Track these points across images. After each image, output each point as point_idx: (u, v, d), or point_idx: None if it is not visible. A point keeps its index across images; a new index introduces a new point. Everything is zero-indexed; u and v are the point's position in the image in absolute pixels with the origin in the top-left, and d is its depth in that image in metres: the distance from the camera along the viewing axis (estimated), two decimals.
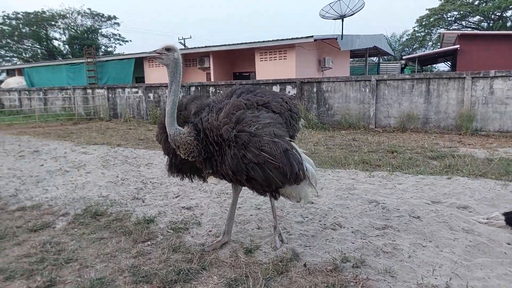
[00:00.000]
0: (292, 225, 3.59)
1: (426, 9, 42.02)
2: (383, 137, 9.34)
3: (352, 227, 3.45)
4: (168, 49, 2.79)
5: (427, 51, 34.67)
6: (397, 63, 27.93)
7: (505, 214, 3.46)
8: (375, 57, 27.55)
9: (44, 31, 37.95)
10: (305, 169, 2.63)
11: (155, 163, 6.62)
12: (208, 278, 2.66)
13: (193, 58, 18.89)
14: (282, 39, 14.88)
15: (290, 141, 2.74)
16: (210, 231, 3.49)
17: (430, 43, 44.02)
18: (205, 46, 17.49)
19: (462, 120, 9.63)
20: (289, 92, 12.01)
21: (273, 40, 15.15)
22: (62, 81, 21.80)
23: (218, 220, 3.75)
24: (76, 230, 3.60)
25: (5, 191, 4.99)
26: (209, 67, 17.61)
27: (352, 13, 16.09)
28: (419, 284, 2.48)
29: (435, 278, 2.54)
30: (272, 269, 2.73)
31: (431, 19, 42.07)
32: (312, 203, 4.18)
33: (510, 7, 38.70)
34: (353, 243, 3.11)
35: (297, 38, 14.59)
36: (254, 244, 3.15)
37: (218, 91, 13.52)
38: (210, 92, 13.75)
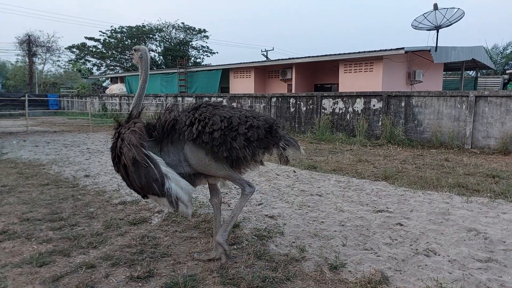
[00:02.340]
0: (380, 246, 3.45)
1: None
2: (481, 159, 8.40)
3: (448, 256, 3.18)
4: (136, 49, 3.28)
5: None
6: (499, 77, 24.88)
7: None
8: (472, 71, 25.01)
9: (143, 43, 42.50)
10: (165, 187, 2.65)
11: None
12: None
13: (276, 70, 19.40)
14: (370, 51, 14.45)
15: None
16: (293, 242, 3.53)
17: None
18: (289, 58, 17.82)
19: None
20: (374, 105, 11.57)
21: (359, 52, 14.79)
22: (156, 89, 24.10)
23: (301, 232, 3.78)
24: (169, 227, 3.94)
25: (110, 185, 5.69)
26: (291, 78, 17.87)
27: (449, 23, 14.91)
28: None
29: None
30: None
31: None
32: (402, 225, 3.96)
33: None
34: (450, 273, 2.87)
35: (386, 50, 14.03)
36: (339, 261, 3.10)
37: (299, 102, 13.62)
38: (291, 103, 13.91)
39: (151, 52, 43.77)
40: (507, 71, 24.62)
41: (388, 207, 4.60)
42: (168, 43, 43.22)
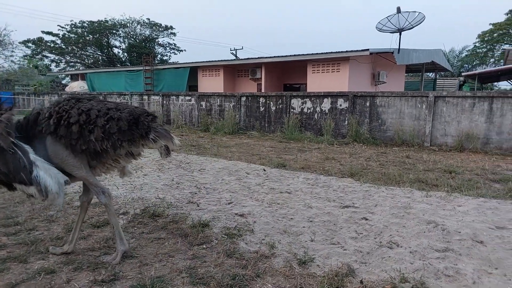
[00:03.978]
0: (346, 240, 3.55)
1: (490, 24, 39.52)
2: (439, 156, 8.88)
3: (409, 247, 3.33)
4: None
5: (489, 68, 32.40)
6: (455, 79, 26.42)
7: None
8: (432, 73, 26.33)
9: (106, 39, 40.98)
10: (33, 174, 2.65)
11: (207, 169, 6.87)
12: (263, 286, 2.71)
13: (245, 69, 19.42)
14: (337, 52, 14.82)
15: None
16: (263, 239, 3.55)
17: (492, 60, 41.17)
18: (258, 58, 17.90)
19: None
20: (340, 105, 11.88)
21: (327, 53, 15.13)
22: (121, 87, 23.37)
23: (270, 229, 3.81)
24: (135, 228, 3.83)
25: (71, 187, 5.44)
26: (261, 77, 17.97)
27: (411, 26, 15.60)
28: None
29: None
30: (327, 282, 2.72)
31: (495, 35, 39.46)
32: (366, 219, 4.10)
33: None
34: (412, 263, 3.01)
35: (352, 51, 14.45)
36: (308, 256, 3.16)
37: (268, 102, 13.72)
38: (260, 102, 13.99)
39: (114, 48, 42.36)
40: (463, 74, 26.15)
41: (354, 202, 4.75)
42: (133, 39, 41.97)
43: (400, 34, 15.87)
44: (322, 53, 15.23)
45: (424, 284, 2.69)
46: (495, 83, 34.26)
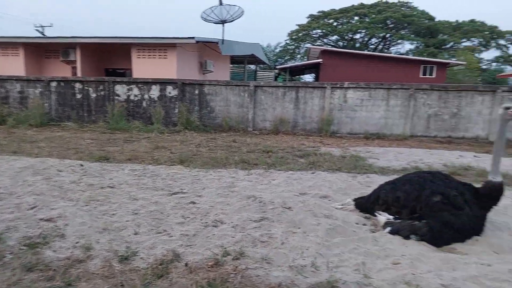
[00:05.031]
0: (173, 226, 3.50)
1: (296, 25, 46.86)
2: (260, 138, 9.98)
3: (232, 222, 3.56)
4: None
5: (297, 63, 38.70)
6: (272, 72, 30.32)
7: (354, 200, 4.11)
8: (253, 65, 29.31)
9: None
10: None
11: (2, 170, 5.54)
12: None
13: (56, 50, 16.58)
14: (163, 37, 14.46)
15: None
16: (77, 242, 3.10)
17: (299, 56, 49.20)
18: (72, 37, 15.59)
19: (323, 124, 11.07)
20: (170, 93, 11.72)
21: (152, 37, 14.56)
22: None
23: (87, 230, 3.37)
24: None
25: None
26: (75, 60, 15.74)
27: (232, 19, 16.76)
28: (291, 266, 2.73)
29: (303, 259, 2.84)
30: (151, 273, 2.60)
31: (300, 34, 47.07)
32: (194, 203, 4.16)
33: (358, 31, 46.46)
34: (233, 237, 3.22)
35: (178, 37, 14.39)
36: (131, 251, 2.94)
37: (87, 88, 12.21)
38: (77, 88, 12.30)
39: None
40: (277, 67, 30.22)
41: (182, 188, 4.75)
42: None
43: (223, 26, 16.86)
44: (146, 37, 14.59)
45: (243, 253, 2.91)
46: (302, 76, 41.15)
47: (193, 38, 14.12)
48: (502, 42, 45.13)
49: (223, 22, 16.83)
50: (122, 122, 11.33)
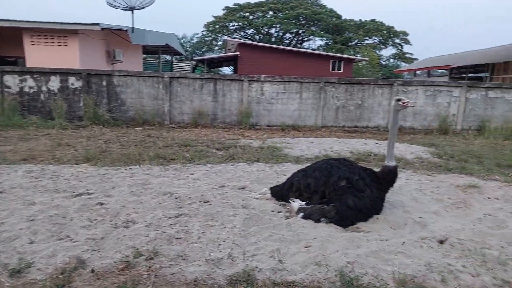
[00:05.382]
0: (77, 231, 3.17)
1: (213, 16, 46.37)
2: (177, 132, 9.68)
3: (145, 221, 3.37)
4: None
5: (214, 55, 38.43)
6: (189, 63, 29.60)
7: (270, 188, 4.24)
8: (168, 56, 28.23)
9: None
10: None
11: None
12: None
13: None
14: (61, 23, 12.98)
15: None
16: None
17: (216, 48, 48.95)
18: None
19: (242, 116, 11.20)
20: (73, 84, 10.60)
21: (49, 22, 12.96)
22: None
23: None
24: None
25: None
26: None
27: (142, 6, 15.81)
28: (207, 260, 2.69)
29: (220, 252, 2.82)
30: (50, 285, 2.32)
31: (217, 26, 46.74)
32: (102, 203, 3.83)
33: (273, 25, 48.02)
34: (146, 236, 3.05)
35: (80, 24, 13.06)
36: (25, 262, 2.58)
37: None
38: None
39: None
40: (194, 58, 29.60)
41: (88, 189, 4.34)
42: None
43: (132, 13, 15.82)
44: (42, 22, 12.94)
45: (158, 252, 2.78)
46: (220, 68, 41.05)
47: (97, 24, 12.97)
48: (397, 41, 51.12)
49: (132, 8, 15.79)
50: (15, 117, 9.90)
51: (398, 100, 3.84)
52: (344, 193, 3.63)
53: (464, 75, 26.15)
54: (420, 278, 2.51)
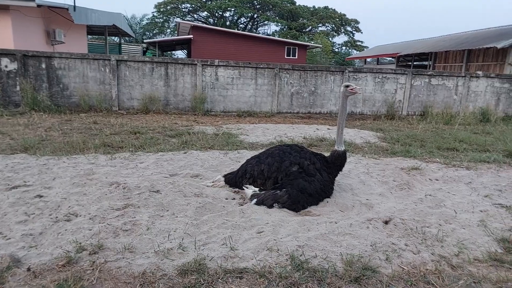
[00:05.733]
0: (12, 227, 2.91)
1: None
2: (127, 119, 9.23)
3: (89, 214, 3.17)
4: None
5: (166, 38, 36.95)
6: (139, 46, 28.21)
7: (224, 176, 4.19)
8: (117, 37, 26.67)
9: None
10: None
11: None
12: None
13: None
14: None
15: None
16: None
17: (169, 31, 47.10)
18: None
19: (196, 102, 10.94)
20: (6, 66, 9.62)
21: None
22: None
23: None
24: None
25: None
26: None
27: None
28: (157, 251, 2.59)
29: (170, 242, 2.73)
30: None
31: (168, 7, 44.82)
32: (41, 196, 3.54)
33: (228, 9, 47.15)
34: (90, 229, 2.87)
35: None
36: None
37: None
38: None
39: None
40: (145, 41, 28.26)
41: (26, 180, 3.99)
42: None
43: None
44: None
45: (102, 245, 2.63)
46: (173, 51, 39.65)
47: (33, 1, 11.80)
48: (349, 28, 52.67)
49: None
50: None
51: (347, 86, 3.93)
52: (295, 178, 3.68)
53: (410, 63, 27.68)
54: (366, 258, 2.62)
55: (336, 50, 52.25)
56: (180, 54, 40.82)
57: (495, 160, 5.83)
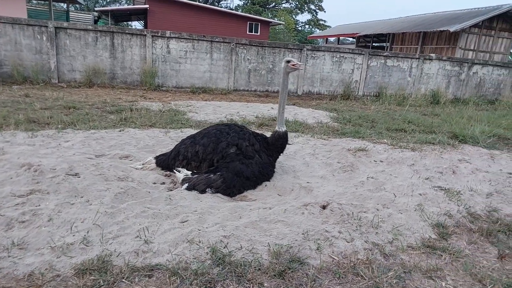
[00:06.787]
0: None
1: None
2: (65, 92, 8.41)
3: None
4: None
5: (121, 7, 34.54)
6: (90, 14, 26.08)
7: (156, 157, 3.80)
8: (64, 3, 24.44)
9: None
10: None
11: None
12: None
13: None
14: None
15: None
16: None
17: None
18: None
19: (146, 76, 10.23)
20: None
21: None
22: None
23: None
24: None
25: None
26: None
27: None
28: (53, 247, 2.21)
29: (73, 236, 2.35)
30: None
31: None
32: None
33: None
34: None
35: None
36: None
37: None
38: None
39: None
40: (96, 9, 26.15)
41: None
42: None
43: None
44: None
45: None
46: (129, 22, 37.27)
47: None
48: (312, 7, 52.22)
49: None
50: None
51: (288, 61, 3.64)
52: (232, 160, 3.39)
53: (369, 44, 28.02)
54: (295, 248, 2.41)
55: (299, 28, 51.84)
56: (138, 25, 38.49)
57: (440, 141, 5.90)
